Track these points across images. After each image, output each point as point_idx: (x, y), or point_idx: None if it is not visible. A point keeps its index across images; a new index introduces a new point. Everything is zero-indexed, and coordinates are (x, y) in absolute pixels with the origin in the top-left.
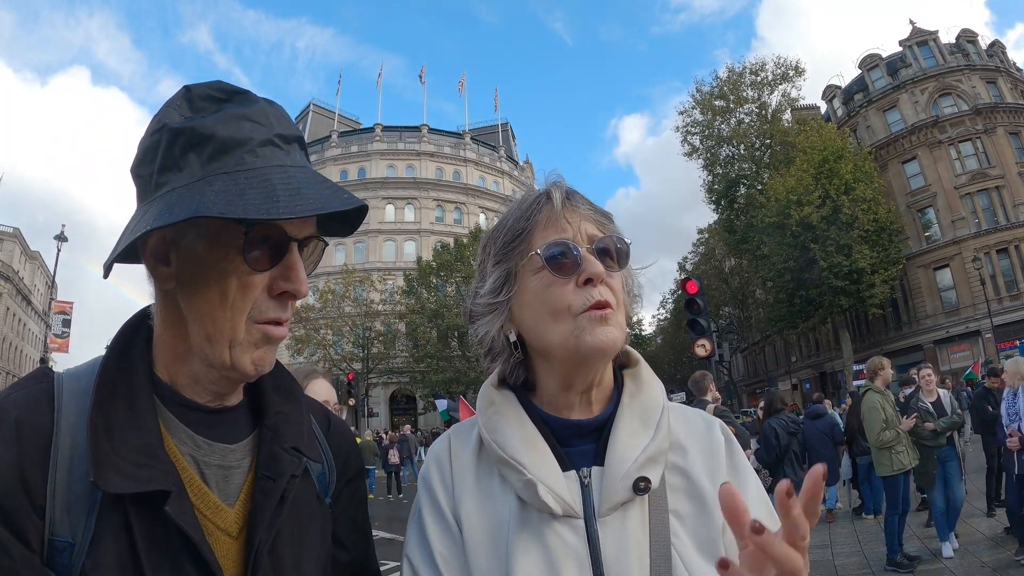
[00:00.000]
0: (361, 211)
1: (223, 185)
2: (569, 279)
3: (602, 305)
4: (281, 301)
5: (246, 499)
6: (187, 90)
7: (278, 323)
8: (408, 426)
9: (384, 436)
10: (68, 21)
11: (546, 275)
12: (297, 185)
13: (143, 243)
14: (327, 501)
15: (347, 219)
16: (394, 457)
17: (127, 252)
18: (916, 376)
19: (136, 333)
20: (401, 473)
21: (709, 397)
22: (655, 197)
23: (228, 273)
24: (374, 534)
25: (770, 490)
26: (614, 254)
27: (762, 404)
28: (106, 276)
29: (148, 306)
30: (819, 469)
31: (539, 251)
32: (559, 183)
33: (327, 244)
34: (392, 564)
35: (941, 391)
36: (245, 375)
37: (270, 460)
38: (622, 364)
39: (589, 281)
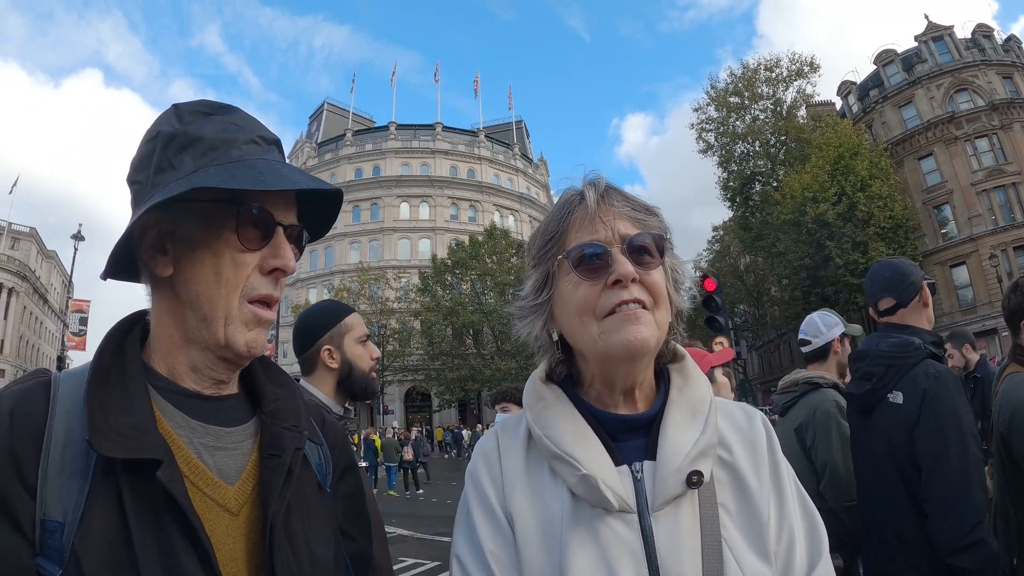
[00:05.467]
0: (336, 204)
1: (216, 171)
2: (598, 281)
3: (631, 304)
4: (271, 279)
5: (248, 479)
6: (175, 107)
7: (268, 304)
8: (416, 428)
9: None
10: (80, 24)
11: (576, 277)
12: (280, 171)
13: (141, 238)
14: (327, 490)
15: (325, 215)
16: (407, 454)
17: (122, 266)
18: None
19: (129, 330)
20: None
21: (732, 395)
22: (660, 195)
23: (222, 254)
24: (390, 531)
25: None
26: (652, 250)
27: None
28: (105, 277)
29: (141, 310)
30: None
31: (566, 254)
32: (596, 182)
33: (304, 244)
34: (411, 561)
35: None
36: (239, 355)
37: (273, 439)
38: (669, 359)
39: (618, 282)
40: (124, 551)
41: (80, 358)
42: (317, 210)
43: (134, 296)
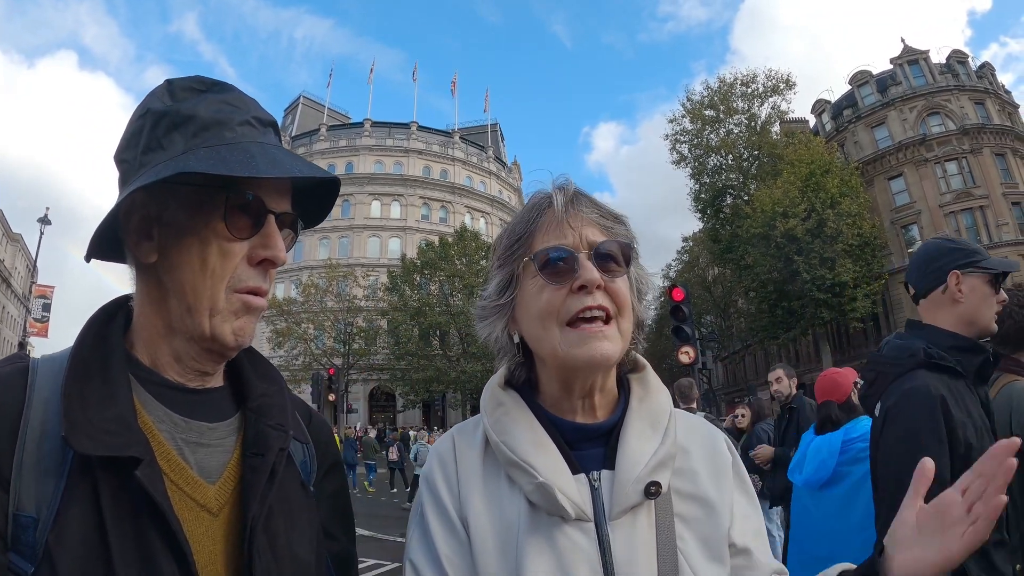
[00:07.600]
0: (333, 192)
1: (206, 153)
2: (563, 285)
3: (595, 317)
4: (260, 270)
5: (230, 477)
6: (168, 83)
7: (257, 293)
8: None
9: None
10: (58, 4)
11: (540, 280)
12: (274, 156)
13: (126, 221)
14: (310, 489)
15: (320, 204)
16: (393, 454)
17: (107, 247)
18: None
19: (112, 317)
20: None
21: (695, 404)
22: (629, 204)
23: (209, 241)
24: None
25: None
26: (618, 258)
27: (740, 412)
28: (88, 258)
29: (125, 295)
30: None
31: (532, 256)
32: (565, 186)
33: (299, 232)
34: (372, 561)
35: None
36: (225, 345)
37: (257, 437)
38: (629, 369)
39: (583, 287)
40: (99, 551)
41: (42, 345)
42: (313, 197)
43: (101, 284)
